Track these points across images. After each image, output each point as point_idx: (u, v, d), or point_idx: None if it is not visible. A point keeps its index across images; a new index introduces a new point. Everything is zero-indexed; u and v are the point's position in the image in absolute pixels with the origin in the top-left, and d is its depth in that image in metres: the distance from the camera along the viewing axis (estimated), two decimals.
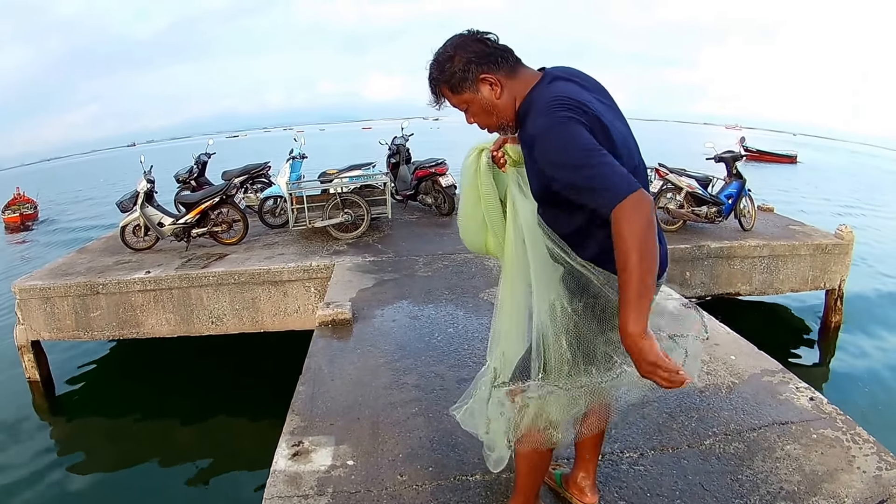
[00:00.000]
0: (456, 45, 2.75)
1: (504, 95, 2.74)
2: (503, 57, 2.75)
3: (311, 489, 3.96)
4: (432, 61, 2.80)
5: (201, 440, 8.27)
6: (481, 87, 2.73)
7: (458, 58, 2.72)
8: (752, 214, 11.42)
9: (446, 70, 2.74)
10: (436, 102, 2.89)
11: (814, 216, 19.63)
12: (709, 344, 5.99)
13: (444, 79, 2.77)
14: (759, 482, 3.85)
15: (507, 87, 2.74)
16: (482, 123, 2.88)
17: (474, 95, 2.76)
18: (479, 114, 2.82)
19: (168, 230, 10.98)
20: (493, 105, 2.76)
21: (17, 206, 30.42)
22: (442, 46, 2.79)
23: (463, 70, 2.71)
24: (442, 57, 2.76)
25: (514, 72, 2.76)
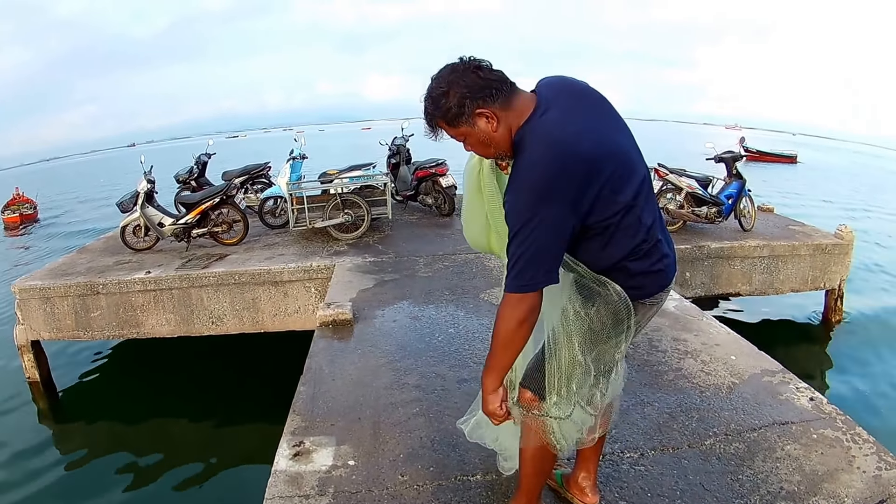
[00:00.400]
0: (450, 81, 2.73)
1: (500, 128, 2.75)
2: (497, 88, 2.73)
3: (312, 489, 3.96)
4: (427, 96, 2.80)
5: (202, 441, 8.27)
6: (478, 122, 2.74)
7: (453, 93, 2.71)
8: (752, 215, 11.43)
9: (441, 106, 2.74)
10: (433, 134, 2.89)
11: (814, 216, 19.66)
12: (709, 344, 6.03)
13: (439, 115, 2.77)
14: (759, 482, 3.86)
15: (502, 119, 2.74)
16: (479, 153, 2.94)
17: (471, 129, 2.77)
18: (477, 145, 2.85)
19: (168, 230, 10.98)
20: (490, 138, 2.78)
21: (17, 206, 30.39)
22: (436, 79, 2.78)
23: (458, 105, 2.71)
24: (436, 92, 2.75)
25: (508, 102, 2.75)
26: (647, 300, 2.97)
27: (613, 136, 2.79)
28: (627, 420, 4.64)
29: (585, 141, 2.63)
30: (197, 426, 8.66)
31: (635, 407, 4.85)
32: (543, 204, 2.56)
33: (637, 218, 2.78)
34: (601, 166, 2.63)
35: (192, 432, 8.51)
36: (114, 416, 9.10)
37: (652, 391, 5.12)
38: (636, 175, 2.79)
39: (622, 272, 2.84)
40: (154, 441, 8.32)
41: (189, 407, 9.13)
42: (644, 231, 2.80)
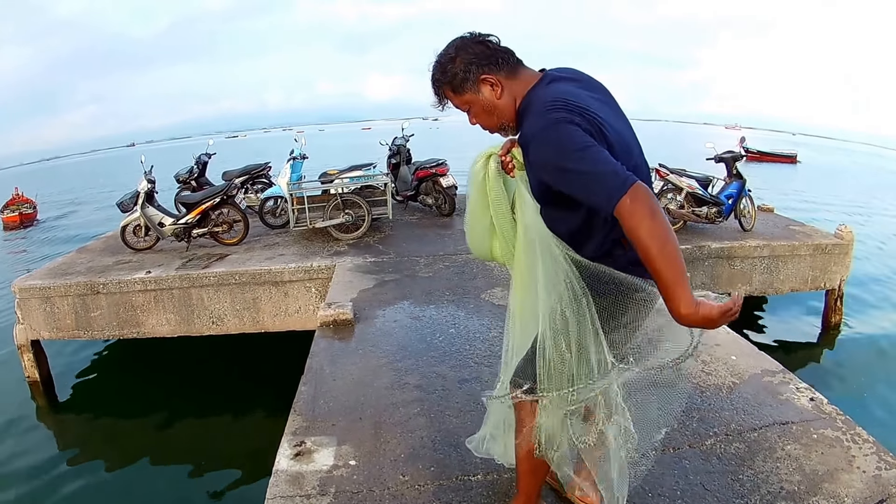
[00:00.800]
0: (458, 47, 2.80)
1: (504, 96, 2.79)
2: (503, 58, 2.80)
3: (313, 489, 3.97)
4: (434, 63, 2.85)
5: (202, 440, 8.28)
6: (482, 88, 2.78)
7: (460, 59, 2.77)
8: (752, 215, 11.44)
9: (448, 71, 2.79)
10: (439, 104, 2.94)
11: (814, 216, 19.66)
12: (709, 344, 6.02)
13: (446, 80, 2.82)
14: (759, 482, 3.86)
15: (507, 87, 2.79)
16: (484, 124, 2.92)
17: (475, 96, 2.81)
18: (481, 114, 2.87)
19: (168, 230, 10.98)
20: (493, 105, 2.81)
21: (17, 205, 30.36)
22: (444, 48, 2.84)
23: (464, 71, 2.76)
24: (444, 59, 2.81)
25: (514, 73, 2.81)
26: (638, 294, 2.85)
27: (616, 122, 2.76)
28: None
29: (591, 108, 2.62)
30: (197, 426, 8.67)
31: None
32: (568, 130, 2.50)
33: None
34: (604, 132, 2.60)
35: (192, 432, 8.51)
36: (113, 416, 9.12)
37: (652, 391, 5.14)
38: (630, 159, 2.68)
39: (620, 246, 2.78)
40: (154, 441, 8.33)
41: (189, 407, 9.13)
42: None
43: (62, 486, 7.41)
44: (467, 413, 4.75)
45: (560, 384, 2.91)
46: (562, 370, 2.90)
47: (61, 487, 7.39)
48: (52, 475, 7.61)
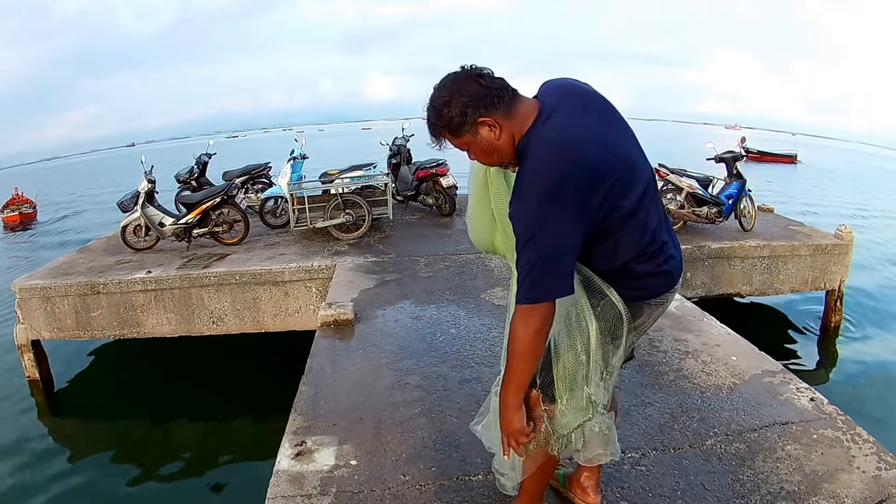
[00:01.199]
0: (452, 91, 2.74)
1: (503, 136, 2.75)
2: (499, 96, 2.73)
3: (314, 489, 3.98)
4: (429, 106, 2.81)
5: (202, 440, 8.28)
6: (480, 130, 2.74)
7: (455, 102, 2.71)
8: (752, 215, 11.44)
9: (444, 116, 2.75)
10: (437, 144, 2.92)
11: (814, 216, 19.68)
12: (710, 345, 6.05)
13: (442, 124, 2.78)
14: (759, 482, 3.87)
15: (505, 127, 2.74)
16: (483, 162, 2.93)
17: (474, 138, 2.77)
18: (480, 154, 2.85)
19: (169, 230, 10.99)
20: (492, 146, 2.78)
21: (17, 205, 30.37)
22: (437, 89, 2.79)
23: (461, 115, 2.71)
24: (438, 102, 2.76)
25: (510, 110, 2.74)
26: (653, 301, 2.99)
27: (617, 140, 2.80)
28: (629, 420, 4.66)
29: (590, 147, 2.65)
30: (197, 426, 8.67)
31: (637, 407, 4.87)
32: (550, 210, 2.55)
33: (643, 222, 2.79)
34: (606, 172, 2.64)
35: (192, 432, 8.52)
36: (114, 416, 9.13)
37: (653, 391, 5.14)
38: (640, 179, 2.80)
39: (627, 274, 2.85)
40: (154, 440, 8.33)
41: (189, 406, 9.14)
42: (650, 234, 2.81)
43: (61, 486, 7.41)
44: (468, 413, 4.74)
45: (574, 385, 2.97)
46: (576, 371, 2.95)
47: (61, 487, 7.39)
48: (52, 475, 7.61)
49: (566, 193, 2.55)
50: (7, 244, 25.49)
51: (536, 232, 2.56)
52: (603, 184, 2.61)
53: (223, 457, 7.83)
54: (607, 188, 2.62)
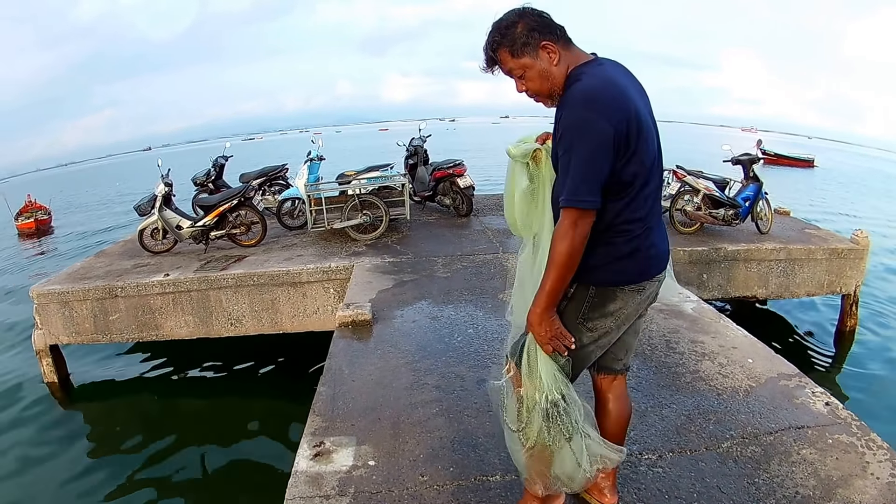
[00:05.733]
0: (520, 14, 2.96)
1: (560, 64, 2.96)
2: (561, 30, 2.98)
3: (332, 489, 4.00)
4: (494, 26, 2.99)
5: (221, 441, 8.29)
6: (542, 54, 2.94)
7: (523, 24, 2.92)
8: (768, 217, 11.42)
9: (509, 35, 2.94)
10: (488, 68, 3.10)
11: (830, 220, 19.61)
12: (726, 347, 6.05)
13: (506, 42, 2.95)
14: (775, 486, 3.88)
15: (563, 56, 2.96)
16: (535, 88, 3.04)
17: (534, 61, 2.96)
18: (535, 79, 3.00)
19: (186, 233, 11.04)
20: (549, 72, 2.97)
21: (31, 212, 30.40)
22: (504, 15, 2.99)
23: (527, 35, 2.91)
24: (505, 23, 2.96)
25: (568, 46, 3.00)
26: (627, 287, 3.09)
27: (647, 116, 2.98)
28: (646, 422, 4.69)
29: (631, 99, 2.87)
30: (216, 427, 8.68)
31: (654, 409, 4.88)
32: (593, 116, 2.74)
33: (645, 196, 3.00)
34: (639, 126, 2.86)
35: (211, 433, 8.53)
36: (131, 418, 9.17)
37: (670, 393, 5.15)
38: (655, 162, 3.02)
39: (610, 246, 3.01)
40: (172, 441, 8.34)
41: (207, 408, 9.18)
42: (645, 210, 3.00)
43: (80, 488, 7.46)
44: (486, 413, 4.77)
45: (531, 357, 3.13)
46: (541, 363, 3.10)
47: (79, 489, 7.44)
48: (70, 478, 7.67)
49: (609, 108, 2.76)
50: (24, 251, 25.55)
51: (581, 132, 2.76)
52: (633, 131, 2.82)
53: (242, 457, 7.85)
54: (635, 138, 2.84)
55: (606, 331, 3.16)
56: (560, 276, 2.88)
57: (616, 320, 3.15)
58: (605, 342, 3.22)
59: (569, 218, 2.80)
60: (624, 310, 3.14)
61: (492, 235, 11.42)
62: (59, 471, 7.86)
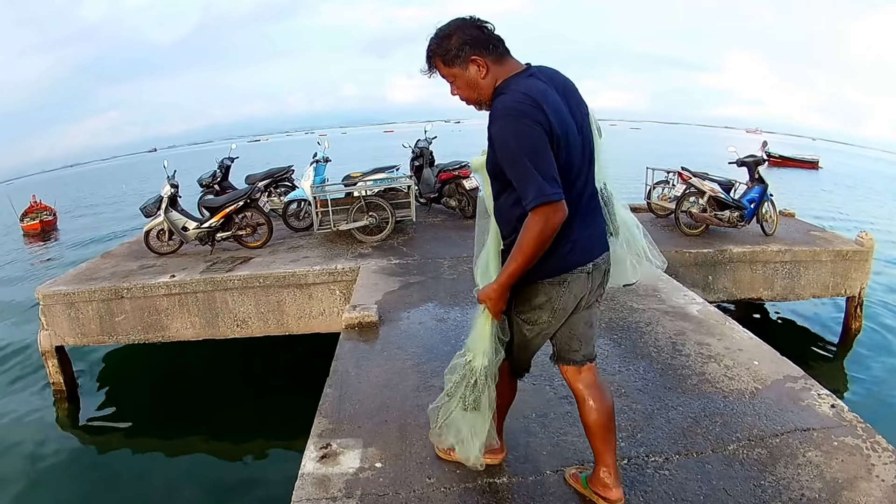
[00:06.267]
0: (456, 27, 3.24)
1: (488, 77, 3.26)
2: (494, 45, 3.25)
3: (339, 491, 4.01)
4: (433, 36, 3.30)
5: (227, 443, 8.33)
6: (470, 66, 3.24)
7: (457, 37, 3.22)
8: (774, 219, 11.44)
9: (443, 46, 3.26)
10: (428, 71, 3.40)
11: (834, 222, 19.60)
12: (732, 349, 6.06)
13: (440, 52, 3.28)
14: (781, 488, 3.89)
15: (492, 70, 3.25)
16: (464, 95, 3.38)
17: (463, 71, 3.27)
18: (464, 88, 3.34)
19: (192, 234, 11.06)
20: (476, 83, 3.28)
21: (36, 213, 30.49)
22: (444, 25, 3.29)
23: (458, 49, 3.22)
24: (442, 34, 3.26)
25: (500, 59, 3.27)
26: (548, 280, 3.39)
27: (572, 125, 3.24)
28: (652, 424, 4.70)
29: (555, 109, 3.12)
30: (221, 429, 8.72)
31: (660, 411, 4.89)
32: (524, 124, 3.02)
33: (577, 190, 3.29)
34: (563, 128, 3.14)
35: (216, 435, 8.58)
36: (136, 420, 9.22)
37: (676, 395, 5.16)
38: (585, 160, 3.37)
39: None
40: (178, 444, 8.40)
41: (213, 410, 9.22)
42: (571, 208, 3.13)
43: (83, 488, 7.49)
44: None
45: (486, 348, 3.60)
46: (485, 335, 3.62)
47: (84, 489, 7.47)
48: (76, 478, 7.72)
49: (539, 121, 3.03)
50: (29, 252, 25.61)
51: (524, 143, 3.02)
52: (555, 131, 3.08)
53: (248, 460, 7.89)
54: (557, 139, 3.10)
55: (544, 322, 3.50)
56: (525, 263, 3.13)
57: (550, 312, 3.46)
58: (546, 332, 3.58)
59: (541, 215, 2.99)
60: (553, 302, 3.43)
61: None
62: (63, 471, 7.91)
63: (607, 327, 6.76)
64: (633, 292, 7.86)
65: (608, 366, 5.77)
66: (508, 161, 3.09)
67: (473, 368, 3.62)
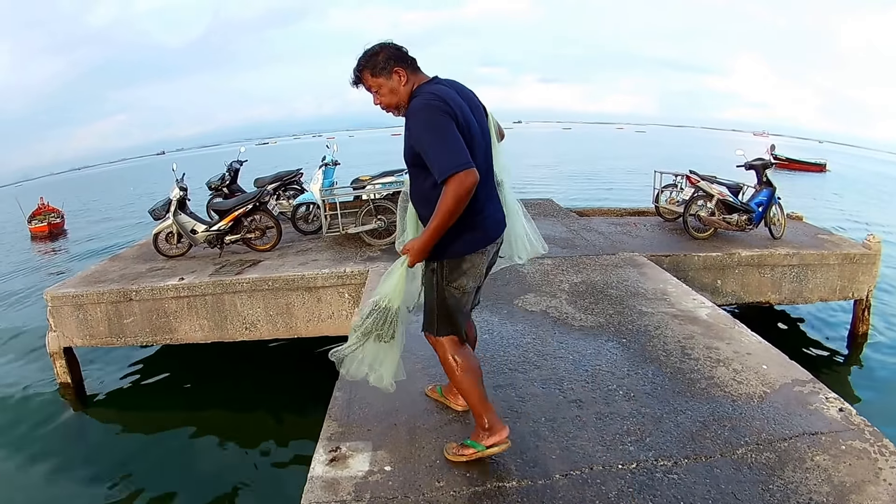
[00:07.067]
0: (382, 45, 4.06)
1: (406, 85, 4.06)
2: (412, 62, 4.10)
3: (348, 495, 4.02)
4: (362, 54, 4.07)
5: (236, 446, 8.34)
6: (393, 76, 4.03)
7: (383, 53, 4.03)
8: (781, 222, 11.45)
9: (372, 60, 4.04)
10: (355, 83, 4.17)
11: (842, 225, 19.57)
12: (741, 353, 6.06)
13: (369, 66, 4.05)
14: (789, 493, 3.89)
15: (409, 79, 4.06)
16: (386, 101, 4.13)
17: (387, 81, 4.05)
18: (387, 94, 4.09)
19: (201, 237, 11.09)
20: (397, 90, 4.06)
21: (44, 215, 30.57)
22: (371, 45, 4.08)
23: (385, 62, 4.02)
24: (371, 52, 4.05)
25: (415, 71, 4.10)
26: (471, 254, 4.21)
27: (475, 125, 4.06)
28: (661, 428, 4.71)
29: (460, 106, 3.93)
30: (230, 431, 8.71)
31: (669, 415, 4.89)
32: (436, 114, 3.77)
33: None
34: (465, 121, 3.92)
35: (225, 437, 8.57)
36: (146, 421, 9.24)
37: (685, 399, 5.16)
38: (486, 150, 4.19)
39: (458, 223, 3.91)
40: (185, 447, 8.41)
41: (221, 413, 9.22)
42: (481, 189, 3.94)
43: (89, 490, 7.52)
44: (502, 418, 4.77)
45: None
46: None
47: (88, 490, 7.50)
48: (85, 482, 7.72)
49: (445, 111, 3.80)
50: (37, 254, 25.65)
51: (431, 127, 3.77)
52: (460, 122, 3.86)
53: (257, 462, 7.88)
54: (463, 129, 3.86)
55: (469, 287, 4.31)
56: (445, 221, 3.77)
57: (473, 279, 4.29)
58: (469, 294, 4.38)
59: (455, 180, 3.64)
60: (476, 268, 4.26)
61: None
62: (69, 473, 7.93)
63: (616, 331, 6.78)
64: (642, 296, 7.89)
65: (617, 370, 5.80)
66: (424, 144, 3.79)
67: (390, 308, 4.28)
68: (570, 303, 7.78)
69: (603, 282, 8.65)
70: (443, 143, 3.72)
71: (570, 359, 6.07)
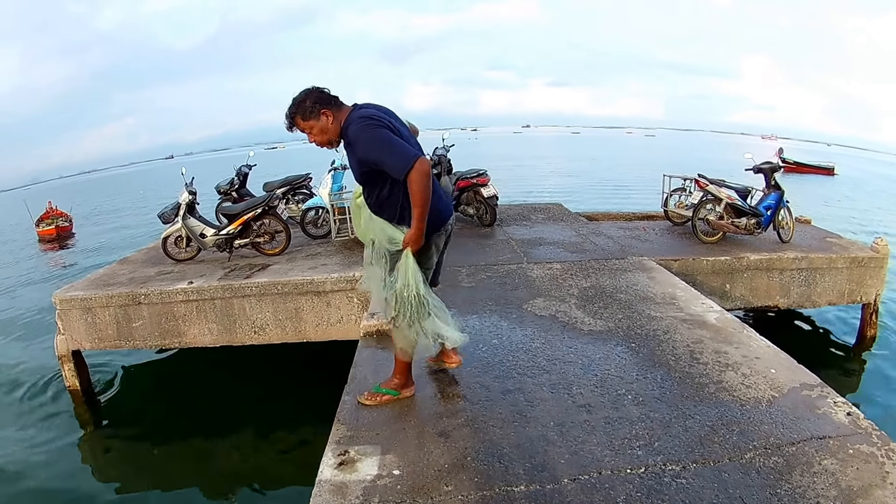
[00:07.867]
0: (307, 93, 4.66)
1: (334, 123, 4.68)
2: (334, 101, 4.71)
3: (356, 498, 4.02)
4: (292, 102, 4.69)
5: (245, 449, 8.35)
6: (322, 117, 4.65)
7: (310, 100, 4.65)
8: (790, 226, 11.44)
9: (301, 107, 4.66)
10: (290, 128, 4.77)
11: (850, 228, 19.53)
12: (750, 357, 6.07)
13: (299, 112, 4.67)
14: (797, 497, 3.88)
15: (336, 117, 4.68)
16: (319, 139, 4.77)
17: (316, 122, 4.67)
18: (319, 133, 4.72)
19: (210, 241, 11.10)
20: (327, 128, 4.69)
21: (52, 219, 30.66)
22: (299, 93, 4.68)
23: (311, 107, 4.63)
24: (298, 100, 4.66)
25: (339, 108, 4.71)
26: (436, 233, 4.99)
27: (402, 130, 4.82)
28: (670, 433, 4.70)
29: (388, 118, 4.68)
30: (239, 435, 8.72)
31: (677, 419, 4.89)
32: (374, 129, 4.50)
33: None
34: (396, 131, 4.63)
35: (234, 441, 8.57)
36: (155, 425, 9.23)
37: (693, 403, 5.16)
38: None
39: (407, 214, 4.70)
40: (194, 450, 8.43)
41: (231, 416, 9.19)
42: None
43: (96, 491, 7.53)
44: (510, 424, 4.80)
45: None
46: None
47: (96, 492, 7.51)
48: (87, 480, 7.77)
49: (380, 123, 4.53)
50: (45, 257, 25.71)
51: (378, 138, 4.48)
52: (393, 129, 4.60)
53: (266, 466, 7.89)
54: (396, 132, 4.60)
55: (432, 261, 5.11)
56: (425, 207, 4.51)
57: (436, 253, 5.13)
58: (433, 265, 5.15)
59: (415, 171, 4.38)
60: (437, 245, 5.08)
61: (516, 245, 11.47)
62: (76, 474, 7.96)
63: (625, 335, 6.78)
64: (651, 300, 7.90)
65: (626, 374, 5.79)
66: (375, 155, 4.49)
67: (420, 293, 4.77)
68: (579, 307, 7.78)
69: (612, 286, 8.66)
70: (390, 148, 4.44)
71: (579, 363, 6.06)
